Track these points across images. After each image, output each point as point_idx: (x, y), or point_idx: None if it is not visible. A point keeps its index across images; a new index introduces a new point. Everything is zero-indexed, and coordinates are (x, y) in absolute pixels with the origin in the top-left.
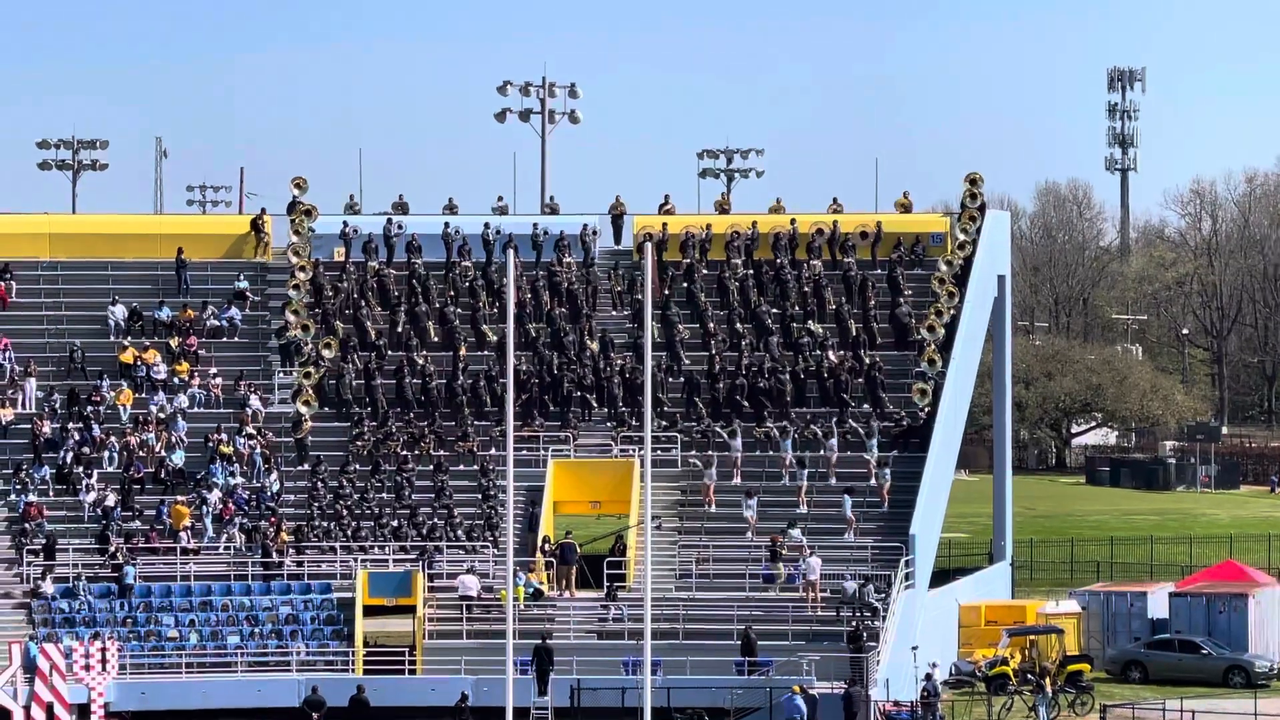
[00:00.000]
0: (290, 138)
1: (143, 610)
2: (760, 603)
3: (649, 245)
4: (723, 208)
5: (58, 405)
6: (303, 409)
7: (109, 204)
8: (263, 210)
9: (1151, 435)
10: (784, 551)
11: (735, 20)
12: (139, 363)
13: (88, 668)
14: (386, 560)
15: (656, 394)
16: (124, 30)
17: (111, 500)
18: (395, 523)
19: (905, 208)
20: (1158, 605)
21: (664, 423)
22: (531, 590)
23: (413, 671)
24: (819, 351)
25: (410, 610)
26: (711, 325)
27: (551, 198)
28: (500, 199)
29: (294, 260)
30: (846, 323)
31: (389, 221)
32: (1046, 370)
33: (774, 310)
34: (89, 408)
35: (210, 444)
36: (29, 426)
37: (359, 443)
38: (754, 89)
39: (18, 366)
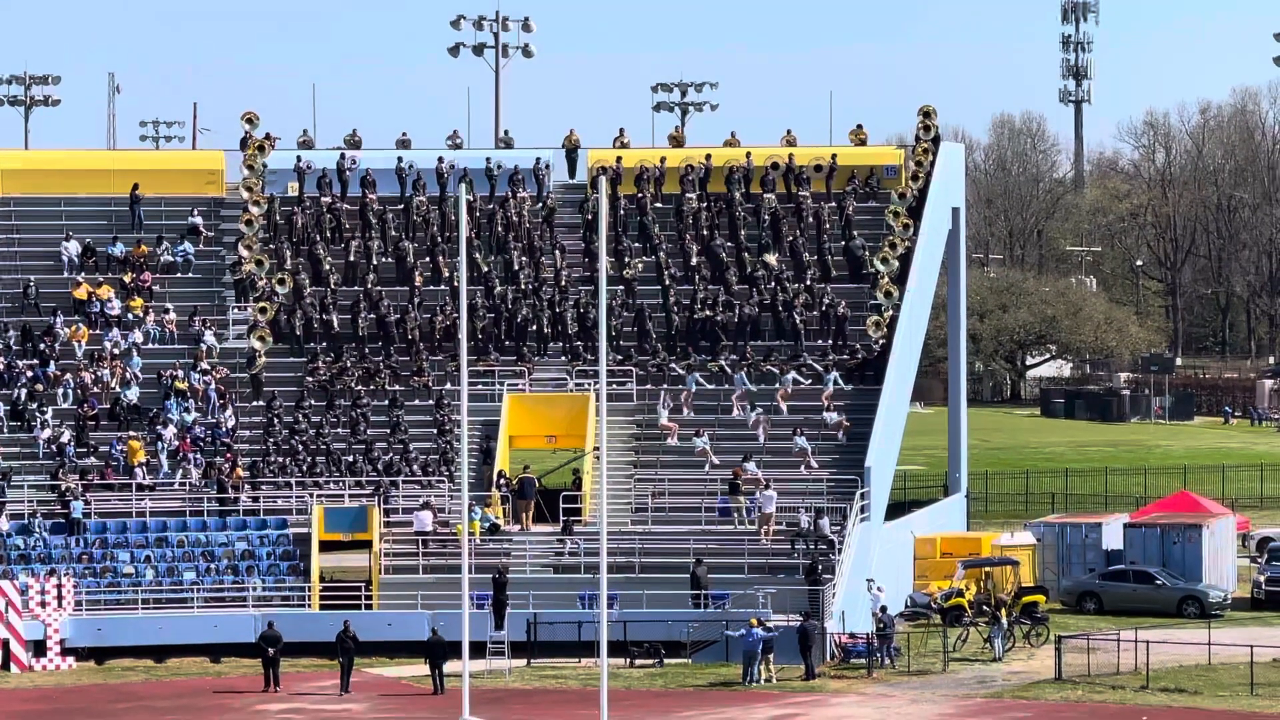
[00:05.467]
0: (244, 73)
1: (98, 547)
2: (716, 536)
3: (603, 179)
4: (677, 141)
5: (11, 342)
6: (257, 344)
7: (61, 140)
8: (268, 135)
9: (1106, 367)
10: (744, 485)
11: None
12: (93, 299)
13: (44, 604)
14: (342, 495)
15: (611, 328)
16: None
17: (66, 437)
18: (351, 458)
19: (860, 140)
20: (1112, 536)
21: (619, 357)
22: (488, 525)
23: (369, 606)
24: (774, 285)
25: (366, 545)
26: (666, 259)
27: (505, 132)
28: (454, 133)
29: (247, 195)
30: (801, 256)
31: (342, 156)
32: (1001, 303)
33: (729, 244)
34: (43, 344)
35: (165, 380)
36: None
37: (314, 378)
38: (708, 22)
39: None
